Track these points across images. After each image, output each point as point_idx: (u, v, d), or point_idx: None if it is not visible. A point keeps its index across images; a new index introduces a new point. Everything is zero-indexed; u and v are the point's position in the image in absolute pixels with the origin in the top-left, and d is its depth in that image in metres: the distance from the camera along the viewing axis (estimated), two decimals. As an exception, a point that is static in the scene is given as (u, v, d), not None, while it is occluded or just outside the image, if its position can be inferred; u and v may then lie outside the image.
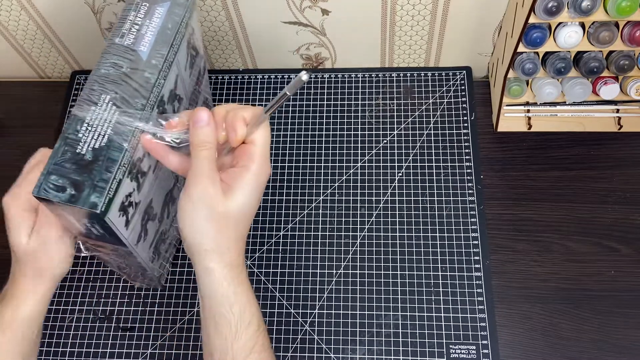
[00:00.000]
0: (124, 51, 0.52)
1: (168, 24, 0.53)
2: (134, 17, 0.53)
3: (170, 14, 0.54)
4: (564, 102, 0.74)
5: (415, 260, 0.69)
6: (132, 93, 0.50)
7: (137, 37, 0.52)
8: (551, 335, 0.65)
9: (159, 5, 0.54)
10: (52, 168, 0.47)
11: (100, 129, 0.48)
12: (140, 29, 0.52)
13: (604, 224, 0.70)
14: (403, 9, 0.72)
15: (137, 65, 0.51)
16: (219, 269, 0.46)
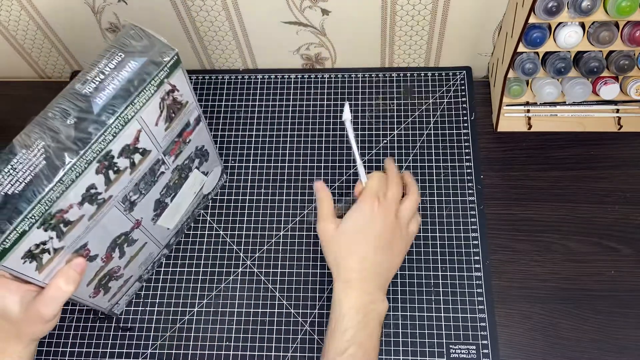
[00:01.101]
0: (78, 99, 0.49)
1: (135, 80, 0.49)
2: (103, 65, 0.50)
3: (142, 71, 0.50)
4: (564, 102, 0.74)
5: (415, 260, 0.69)
6: (67, 146, 0.47)
7: (97, 88, 0.49)
8: (551, 335, 0.65)
9: (134, 60, 0.50)
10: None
11: (20, 175, 0.46)
12: (104, 79, 0.49)
13: (604, 224, 0.70)
14: (403, 9, 0.72)
15: (86, 117, 0.48)
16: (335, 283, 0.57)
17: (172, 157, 0.60)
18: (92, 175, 0.49)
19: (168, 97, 0.53)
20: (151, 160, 0.56)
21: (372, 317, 0.55)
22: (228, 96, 0.82)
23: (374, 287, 0.56)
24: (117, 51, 0.50)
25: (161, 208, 0.63)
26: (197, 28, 0.78)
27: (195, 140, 0.62)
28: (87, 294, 0.59)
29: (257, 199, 0.74)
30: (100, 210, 0.53)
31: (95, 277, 0.58)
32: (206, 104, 0.82)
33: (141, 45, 0.51)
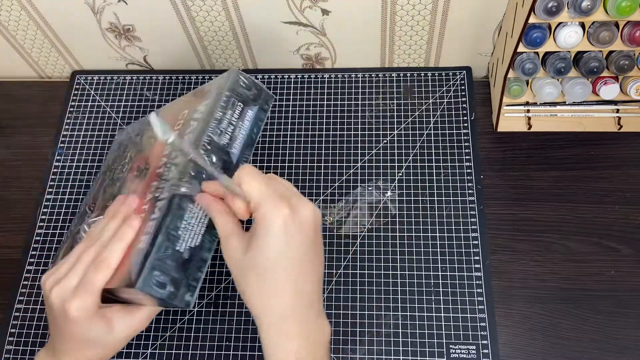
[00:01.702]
0: (220, 151, 0.55)
1: (254, 128, 0.57)
2: (230, 116, 0.56)
3: (256, 118, 0.58)
4: (564, 102, 0.74)
5: (415, 260, 0.69)
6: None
7: (231, 139, 0.56)
8: (551, 335, 0.65)
9: (250, 108, 0.57)
10: (156, 263, 0.49)
11: (195, 228, 0.52)
12: (234, 130, 0.56)
13: (604, 224, 0.70)
14: (403, 9, 0.72)
15: (228, 167, 0.55)
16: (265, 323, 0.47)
17: None
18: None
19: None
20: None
21: (320, 355, 0.47)
22: (228, 96, 0.82)
23: (312, 318, 0.47)
24: (236, 101, 0.57)
25: None
26: (197, 28, 0.78)
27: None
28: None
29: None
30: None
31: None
32: (206, 104, 0.82)
33: (252, 94, 0.58)
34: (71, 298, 0.50)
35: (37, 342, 0.68)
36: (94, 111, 0.83)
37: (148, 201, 0.55)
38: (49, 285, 0.52)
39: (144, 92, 0.84)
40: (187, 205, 0.52)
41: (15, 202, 0.78)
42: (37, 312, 0.70)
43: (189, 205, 0.52)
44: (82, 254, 0.53)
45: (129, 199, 0.57)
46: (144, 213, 0.55)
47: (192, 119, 0.57)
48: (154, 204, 0.53)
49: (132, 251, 0.52)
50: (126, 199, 0.57)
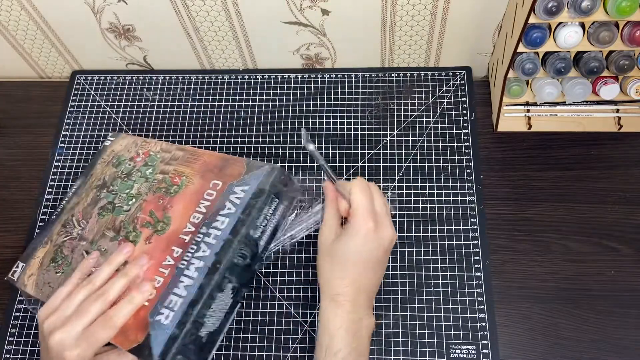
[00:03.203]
0: (251, 244, 0.59)
1: (280, 221, 0.63)
2: (266, 211, 0.60)
3: (284, 212, 0.63)
4: (564, 102, 0.74)
5: (415, 260, 0.69)
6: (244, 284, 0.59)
7: (263, 232, 0.60)
8: (551, 335, 0.65)
9: (282, 204, 0.62)
10: (181, 349, 0.53)
11: (218, 315, 0.56)
12: (266, 224, 0.60)
13: (604, 224, 0.70)
14: (403, 9, 0.72)
15: (254, 258, 0.59)
16: (324, 296, 0.57)
17: None
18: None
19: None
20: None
21: (361, 335, 0.55)
22: (228, 96, 0.82)
23: (362, 306, 0.56)
24: (274, 197, 0.61)
25: None
26: (197, 28, 0.78)
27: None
28: None
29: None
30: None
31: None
32: (206, 104, 0.82)
33: (289, 189, 0.62)
34: (72, 348, 0.52)
35: (37, 342, 0.68)
36: (94, 111, 0.83)
37: (168, 266, 0.57)
38: (48, 327, 0.54)
39: (144, 92, 0.84)
40: (216, 295, 0.55)
41: (15, 202, 0.78)
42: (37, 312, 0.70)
43: (218, 294, 0.56)
44: (87, 304, 0.55)
45: (141, 259, 0.59)
46: (160, 277, 0.57)
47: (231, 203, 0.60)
48: (177, 276, 0.56)
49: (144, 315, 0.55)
50: (138, 257, 0.59)
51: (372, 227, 0.56)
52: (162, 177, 0.66)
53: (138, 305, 0.55)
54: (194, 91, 0.83)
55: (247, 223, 0.58)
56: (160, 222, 0.61)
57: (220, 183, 0.62)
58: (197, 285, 0.55)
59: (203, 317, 0.54)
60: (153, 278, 0.57)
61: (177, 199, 0.63)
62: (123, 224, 0.63)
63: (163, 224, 0.61)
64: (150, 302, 0.56)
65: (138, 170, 0.68)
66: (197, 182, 0.63)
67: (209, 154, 0.66)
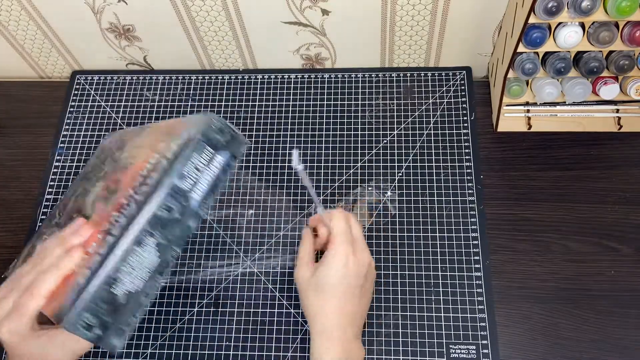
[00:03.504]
0: (180, 195, 0.53)
1: (221, 175, 0.55)
2: (197, 161, 0.54)
3: (226, 165, 0.56)
4: (564, 102, 0.74)
5: (415, 260, 0.69)
6: (175, 240, 0.53)
7: (194, 184, 0.54)
8: (551, 335, 0.65)
9: (220, 154, 0.55)
10: (88, 305, 0.49)
11: (138, 273, 0.51)
12: (199, 176, 0.54)
13: (604, 224, 0.70)
14: (403, 9, 0.72)
15: (185, 212, 0.53)
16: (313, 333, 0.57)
17: None
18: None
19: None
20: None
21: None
22: (228, 96, 0.82)
23: (352, 338, 0.56)
24: (205, 145, 0.55)
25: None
26: (197, 28, 0.78)
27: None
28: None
29: (257, 199, 0.74)
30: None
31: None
32: (206, 104, 0.82)
33: (224, 138, 0.56)
34: (4, 323, 0.51)
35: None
36: (94, 111, 0.83)
37: (103, 232, 0.54)
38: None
39: (144, 92, 0.84)
40: (133, 248, 0.51)
41: (15, 202, 0.78)
42: (37, 312, 0.70)
43: (136, 248, 0.51)
44: (22, 277, 0.53)
45: (82, 228, 0.56)
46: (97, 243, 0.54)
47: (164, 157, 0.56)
48: (105, 238, 0.53)
49: (72, 283, 0.51)
50: (81, 226, 0.56)
51: (351, 250, 0.57)
52: (126, 155, 0.64)
53: (65, 271, 0.52)
54: (194, 91, 0.83)
55: (171, 172, 0.53)
56: (111, 194, 0.59)
57: (163, 144, 0.59)
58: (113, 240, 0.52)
59: (117, 271, 0.50)
60: (90, 245, 0.54)
61: (129, 170, 0.60)
62: (86, 204, 0.62)
63: (112, 195, 0.59)
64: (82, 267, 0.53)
65: (111, 156, 0.67)
66: (148, 151, 0.60)
67: (164, 123, 0.65)
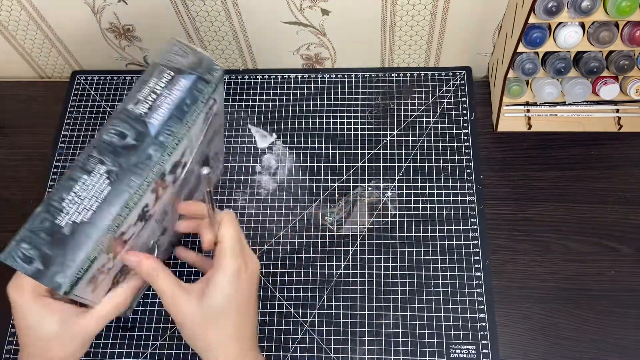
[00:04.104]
0: (133, 120, 0.47)
1: (187, 99, 0.49)
2: (154, 84, 0.49)
3: (193, 89, 0.49)
4: (564, 102, 0.74)
5: (415, 260, 0.69)
6: (131, 169, 0.46)
7: (151, 108, 0.48)
8: (551, 335, 0.65)
9: (184, 77, 0.49)
10: (26, 235, 0.44)
11: (87, 202, 0.45)
12: (157, 99, 0.48)
13: (604, 224, 0.70)
14: (403, 9, 0.72)
15: (143, 139, 0.47)
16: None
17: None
18: (149, 195, 0.48)
19: (210, 110, 0.53)
20: (187, 171, 0.55)
21: None
22: (228, 96, 0.82)
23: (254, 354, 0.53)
24: (164, 69, 0.49)
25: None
26: (197, 28, 0.78)
27: (215, 146, 0.62)
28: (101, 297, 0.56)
29: (257, 199, 0.74)
30: (146, 225, 0.52)
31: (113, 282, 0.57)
32: (206, 104, 0.82)
33: (188, 62, 0.50)
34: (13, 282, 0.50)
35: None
36: (94, 111, 0.83)
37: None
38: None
39: (144, 92, 0.84)
40: (78, 175, 0.46)
41: (15, 202, 0.78)
42: (37, 312, 0.70)
43: (82, 176, 0.46)
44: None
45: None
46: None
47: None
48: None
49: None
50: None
51: (243, 262, 0.50)
52: None
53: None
54: (194, 91, 0.83)
55: (125, 98, 0.49)
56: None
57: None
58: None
59: (60, 201, 0.45)
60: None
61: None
62: None
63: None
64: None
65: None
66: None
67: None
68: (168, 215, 0.59)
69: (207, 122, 0.53)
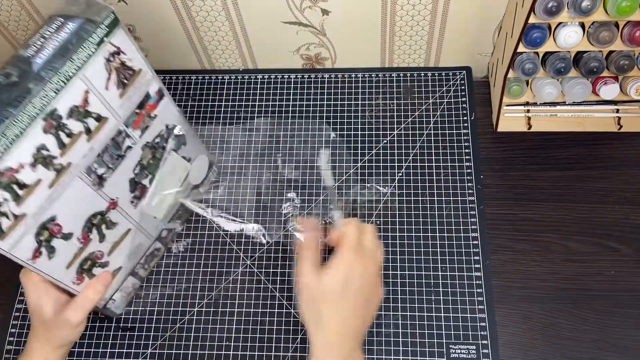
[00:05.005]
0: (20, 61, 0.50)
1: (73, 39, 0.51)
2: (44, 30, 0.52)
3: (80, 31, 0.52)
4: (564, 102, 0.74)
5: (415, 260, 0.69)
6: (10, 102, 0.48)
7: (38, 50, 0.51)
8: (551, 335, 0.65)
9: (71, 21, 0.52)
10: None
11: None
12: (44, 42, 0.51)
13: (604, 224, 0.70)
14: (403, 9, 0.72)
15: (26, 76, 0.50)
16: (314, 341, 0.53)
17: (138, 130, 0.60)
18: (39, 133, 0.50)
19: (114, 59, 0.55)
20: (111, 130, 0.57)
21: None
22: (228, 96, 0.82)
23: (354, 347, 0.54)
24: (56, 17, 0.52)
25: (139, 190, 0.63)
26: (197, 28, 0.78)
27: (162, 116, 0.62)
28: (69, 279, 0.59)
29: (257, 199, 0.74)
30: (61, 177, 0.53)
31: (74, 259, 0.58)
32: (206, 104, 0.82)
33: (79, 8, 0.53)
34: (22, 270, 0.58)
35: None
36: None
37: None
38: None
39: (144, 92, 0.84)
40: None
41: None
42: (37, 312, 0.70)
43: None
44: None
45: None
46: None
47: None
48: None
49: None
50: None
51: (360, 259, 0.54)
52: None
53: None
54: (194, 91, 0.83)
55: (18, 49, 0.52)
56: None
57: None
58: None
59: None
60: None
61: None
62: None
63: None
64: None
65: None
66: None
67: None
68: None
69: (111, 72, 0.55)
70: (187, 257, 0.71)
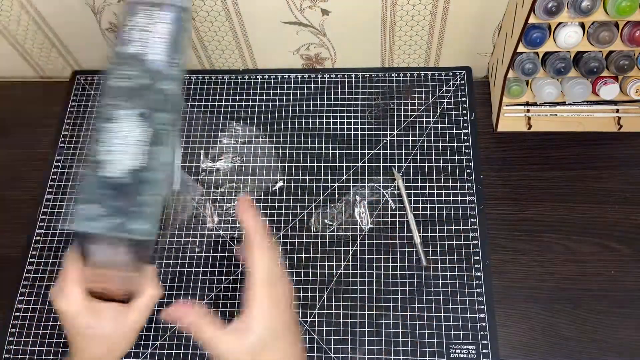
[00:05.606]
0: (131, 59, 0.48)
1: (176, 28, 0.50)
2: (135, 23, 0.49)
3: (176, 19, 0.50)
4: (564, 102, 0.74)
5: (415, 260, 0.69)
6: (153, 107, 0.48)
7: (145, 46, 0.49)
8: (551, 335, 0.65)
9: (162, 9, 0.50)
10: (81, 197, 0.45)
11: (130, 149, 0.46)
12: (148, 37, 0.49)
13: (604, 224, 0.70)
14: (403, 9, 0.72)
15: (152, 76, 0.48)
16: None
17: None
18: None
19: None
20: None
21: None
22: (228, 96, 0.82)
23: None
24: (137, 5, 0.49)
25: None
26: (197, 28, 0.78)
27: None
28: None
29: (257, 199, 0.74)
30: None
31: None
32: (206, 104, 0.82)
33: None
34: (57, 294, 0.51)
35: (37, 342, 0.68)
36: (94, 111, 0.83)
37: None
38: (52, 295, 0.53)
39: (144, 92, 0.84)
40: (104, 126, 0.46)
41: (15, 202, 0.78)
42: (37, 312, 0.70)
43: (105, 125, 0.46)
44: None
45: None
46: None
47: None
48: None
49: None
50: None
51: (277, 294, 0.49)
52: None
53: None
54: (194, 91, 0.83)
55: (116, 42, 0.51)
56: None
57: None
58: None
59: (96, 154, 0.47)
60: None
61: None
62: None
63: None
64: None
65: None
66: None
67: None
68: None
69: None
70: (187, 257, 0.71)
